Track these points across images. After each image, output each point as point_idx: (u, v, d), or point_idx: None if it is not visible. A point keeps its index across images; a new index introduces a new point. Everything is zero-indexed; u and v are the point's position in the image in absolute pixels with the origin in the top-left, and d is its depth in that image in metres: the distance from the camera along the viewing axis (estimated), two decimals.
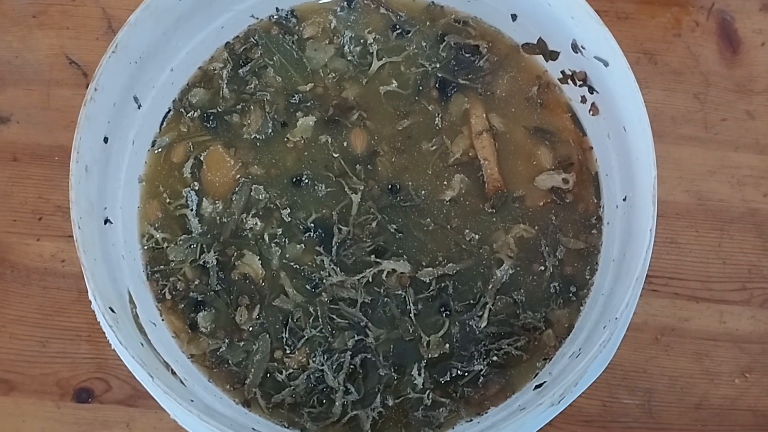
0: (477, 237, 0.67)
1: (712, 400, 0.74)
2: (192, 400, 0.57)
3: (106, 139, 0.63)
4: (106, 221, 0.63)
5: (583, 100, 0.68)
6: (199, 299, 0.66)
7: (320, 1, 0.73)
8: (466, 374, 0.64)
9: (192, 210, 0.68)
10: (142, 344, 0.60)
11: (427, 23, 0.72)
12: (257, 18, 0.72)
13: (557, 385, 0.55)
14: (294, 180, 0.68)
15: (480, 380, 0.64)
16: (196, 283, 0.66)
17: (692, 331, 0.75)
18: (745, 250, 0.77)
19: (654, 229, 0.56)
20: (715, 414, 0.74)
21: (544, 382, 0.61)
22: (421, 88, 0.70)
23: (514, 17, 0.70)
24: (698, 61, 0.83)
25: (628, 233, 0.62)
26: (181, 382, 0.61)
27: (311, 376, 0.64)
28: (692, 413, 0.73)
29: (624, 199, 0.64)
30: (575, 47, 0.65)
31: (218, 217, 0.67)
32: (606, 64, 0.62)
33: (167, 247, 0.67)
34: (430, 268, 0.65)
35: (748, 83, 0.82)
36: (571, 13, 0.63)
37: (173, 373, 0.61)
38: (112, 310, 0.57)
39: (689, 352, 0.75)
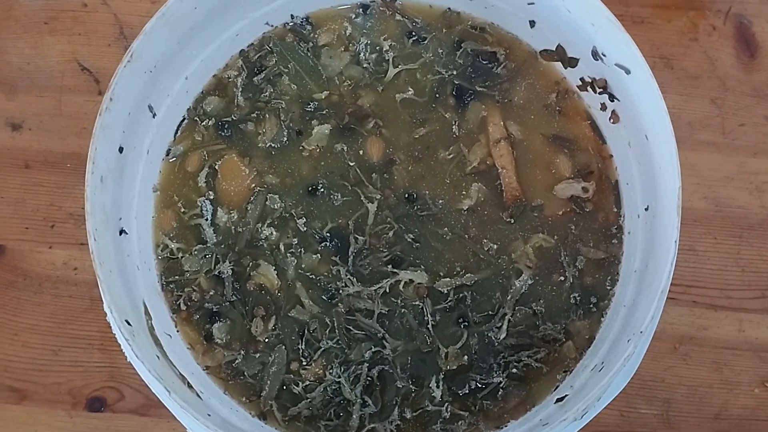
0: (495, 247, 0.66)
1: (732, 410, 0.73)
2: (209, 414, 0.57)
3: (121, 149, 0.62)
4: (121, 232, 0.63)
5: (603, 107, 0.67)
6: (214, 310, 0.65)
7: (335, 8, 0.72)
8: (485, 387, 0.63)
9: (207, 219, 0.67)
10: (157, 357, 0.59)
11: (444, 30, 0.71)
12: (272, 25, 0.72)
13: (580, 400, 0.54)
14: (309, 189, 0.67)
15: (499, 393, 0.63)
16: (211, 293, 0.66)
17: (711, 340, 0.75)
18: (765, 258, 0.77)
19: (678, 240, 0.55)
20: (735, 424, 0.73)
21: (566, 395, 0.60)
22: (437, 95, 0.70)
23: (532, 24, 0.69)
24: (715, 66, 0.82)
25: (651, 243, 0.61)
26: (197, 395, 0.60)
27: (328, 388, 0.63)
28: (711, 423, 0.73)
29: (646, 209, 0.63)
30: (595, 54, 0.64)
31: (233, 227, 0.67)
32: (628, 72, 0.61)
33: (182, 257, 0.66)
34: (448, 279, 0.65)
35: (766, 88, 0.81)
36: (591, 19, 0.62)
37: (189, 386, 0.60)
38: (128, 323, 0.57)
39: (708, 362, 0.74)
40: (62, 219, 0.78)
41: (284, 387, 0.64)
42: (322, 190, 0.67)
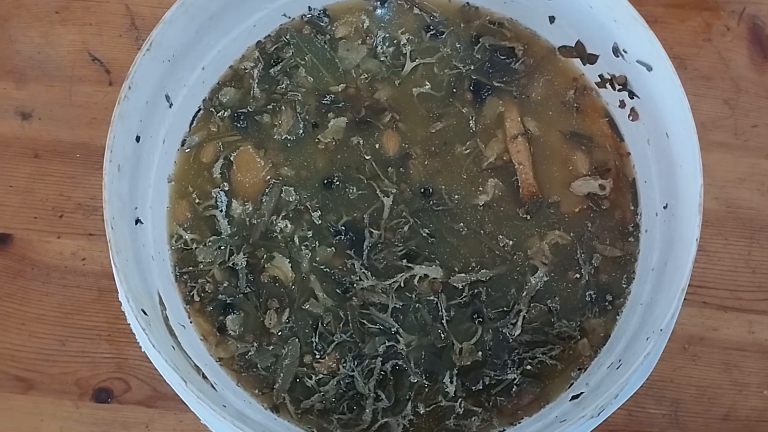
0: (511, 243, 0.65)
1: (740, 412, 0.73)
2: (224, 406, 0.56)
3: (138, 138, 0.62)
4: (137, 221, 0.62)
5: (622, 104, 0.67)
6: (227, 302, 0.65)
7: (353, 1, 0.72)
8: (499, 383, 0.63)
9: (221, 211, 0.67)
10: (173, 347, 0.59)
11: (462, 24, 0.71)
12: (289, 17, 0.71)
13: (597, 398, 0.54)
14: (325, 182, 0.67)
15: (513, 389, 0.63)
16: (225, 285, 0.65)
17: (720, 341, 0.74)
18: None
19: (699, 239, 0.55)
20: (743, 426, 0.73)
21: (581, 393, 0.60)
22: (454, 90, 0.69)
23: (552, 19, 0.69)
24: (728, 67, 0.82)
25: (670, 242, 0.60)
26: (212, 386, 0.60)
27: (341, 381, 0.63)
28: (720, 424, 0.73)
29: (665, 207, 0.62)
30: (616, 51, 0.64)
31: (248, 219, 0.66)
32: (649, 69, 0.61)
33: (196, 248, 0.66)
34: (463, 274, 0.64)
35: None
36: (613, 15, 0.61)
37: (204, 377, 0.60)
38: (145, 313, 0.56)
39: (717, 362, 0.74)
40: (71, 209, 0.78)
41: (297, 380, 0.63)
42: (337, 183, 0.67)
